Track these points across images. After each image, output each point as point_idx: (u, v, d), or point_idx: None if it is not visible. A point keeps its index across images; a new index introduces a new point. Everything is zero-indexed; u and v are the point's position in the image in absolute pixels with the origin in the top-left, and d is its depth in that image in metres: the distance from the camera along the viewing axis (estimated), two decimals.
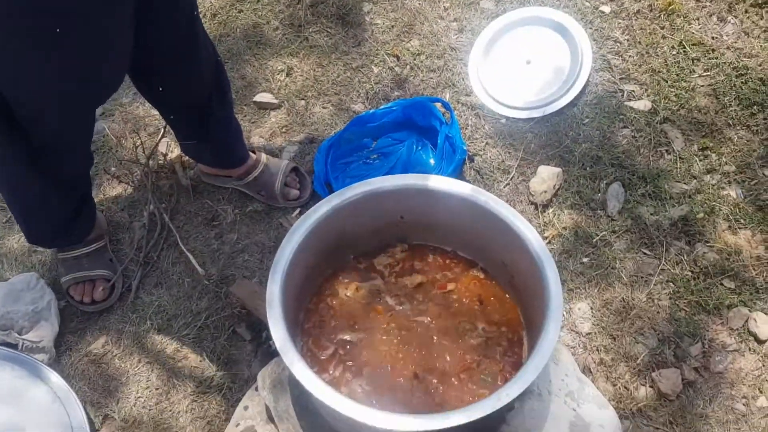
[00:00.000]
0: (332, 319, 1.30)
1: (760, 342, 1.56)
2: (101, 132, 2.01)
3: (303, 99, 2.07)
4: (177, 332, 1.65)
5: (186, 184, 1.89)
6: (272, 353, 1.51)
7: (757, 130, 1.89)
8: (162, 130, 1.92)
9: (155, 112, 2.06)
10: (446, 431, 0.99)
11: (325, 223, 1.24)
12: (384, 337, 1.26)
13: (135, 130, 2.02)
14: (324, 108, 2.05)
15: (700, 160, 1.85)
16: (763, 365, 1.54)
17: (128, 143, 1.99)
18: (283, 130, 2.00)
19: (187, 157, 1.89)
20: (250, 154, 1.83)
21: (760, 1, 2.08)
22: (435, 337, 1.26)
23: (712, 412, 1.49)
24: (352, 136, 1.92)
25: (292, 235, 1.20)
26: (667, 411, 1.49)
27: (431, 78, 2.08)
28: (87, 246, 1.69)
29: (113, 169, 1.94)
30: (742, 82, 1.96)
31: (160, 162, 1.92)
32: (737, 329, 1.58)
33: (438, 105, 1.90)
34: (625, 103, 1.97)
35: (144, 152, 1.90)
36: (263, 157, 1.85)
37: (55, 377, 1.51)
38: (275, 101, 2.05)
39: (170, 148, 1.96)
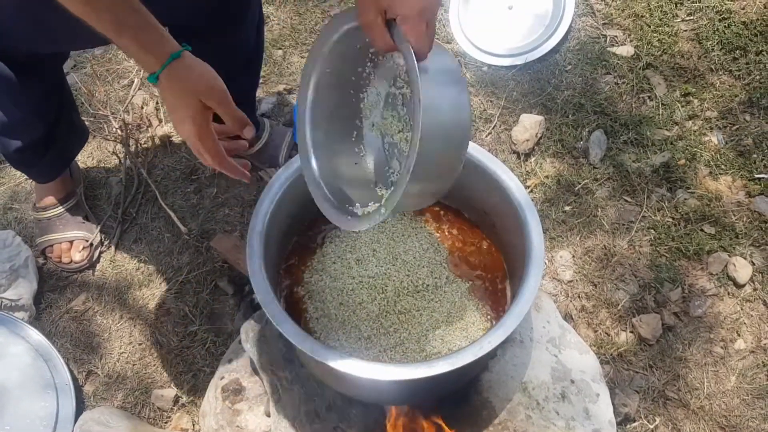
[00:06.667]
0: None
1: (739, 286, 1.58)
2: (73, 85, 1.95)
3: (280, 49, 2.02)
4: (158, 288, 1.64)
5: (162, 138, 1.85)
6: (255, 306, 1.51)
7: (739, 75, 1.88)
8: (136, 82, 1.86)
9: (129, 63, 2.00)
10: (429, 379, 0.99)
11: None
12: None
13: (108, 82, 1.96)
14: (302, 57, 2.00)
15: (683, 106, 1.84)
16: (741, 309, 1.56)
17: (101, 96, 1.94)
18: (261, 81, 1.96)
19: (162, 110, 1.84)
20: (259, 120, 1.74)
21: None
22: None
23: (690, 356, 1.51)
24: None
25: (271, 188, 1.18)
26: (646, 355, 1.52)
27: None
28: (59, 207, 1.66)
29: (87, 123, 1.89)
30: (725, 26, 1.94)
31: (135, 115, 1.88)
32: (716, 274, 1.60)
33: None
34: (608, 48, 1.95)
35: (119, 105, 1.85)
36: (266, 124, 1.77)
37: (35, 335, 1.50)
38: None
39: (146, 101, 1.91)
